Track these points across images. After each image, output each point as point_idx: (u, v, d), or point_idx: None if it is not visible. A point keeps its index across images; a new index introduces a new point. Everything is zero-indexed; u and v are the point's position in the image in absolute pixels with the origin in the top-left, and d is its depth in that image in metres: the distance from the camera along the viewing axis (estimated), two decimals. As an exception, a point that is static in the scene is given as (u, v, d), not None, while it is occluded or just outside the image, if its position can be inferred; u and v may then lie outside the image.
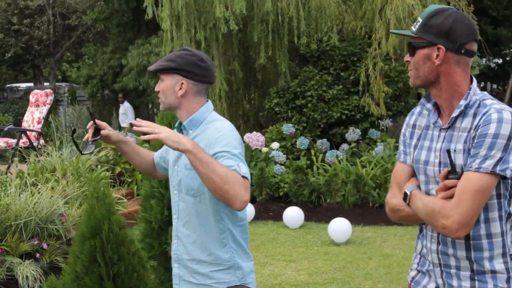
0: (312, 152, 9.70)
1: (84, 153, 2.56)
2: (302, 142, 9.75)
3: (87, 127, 2.56)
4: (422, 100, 2.21)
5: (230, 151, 2.31)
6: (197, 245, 2.46)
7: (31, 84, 25.12)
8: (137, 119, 2.32)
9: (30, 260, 5.53)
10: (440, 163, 2.08)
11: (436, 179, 2.10)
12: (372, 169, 8.83)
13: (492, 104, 2.01)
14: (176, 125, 2.59)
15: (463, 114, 2.04)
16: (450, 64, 2.04)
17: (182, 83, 2.47)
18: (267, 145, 9.79)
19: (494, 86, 18.22)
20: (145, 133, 2.22)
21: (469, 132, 2.00)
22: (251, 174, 8.96)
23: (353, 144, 9.92)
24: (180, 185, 2.49)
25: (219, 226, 2.44)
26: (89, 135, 2.54)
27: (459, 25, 2.03)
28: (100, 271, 2.64)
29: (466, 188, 1.96)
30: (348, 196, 8.43)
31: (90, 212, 2.68)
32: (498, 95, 16.18)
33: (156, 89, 2.55)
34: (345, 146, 9.88)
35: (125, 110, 14.72)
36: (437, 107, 2.16)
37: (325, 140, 9.92)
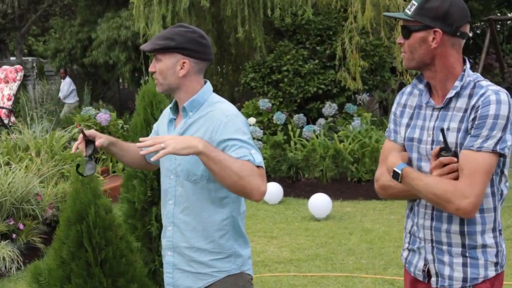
0: (289, 127, 9.64)
1: (88, 174, 2.32)
2: (279, 117, 9.67)
3: (77, 143, 2.36)
4: (414, 80, 2.25)
5: (241, 138, 2.22)
6: (197, 232, 2.35)
7: (-3, 59, 24.41)
8: (140, 138, 2.16)
9: (7, 241, 5.39)
10: (433, 141, 2.12)
11: (428, 157, 2.13)
12: (349, 143, 8.82)
13: (488, 85, 2.06)
14: (170, 105, 2.47)
15: (457, 94, 2.08)
16: (446, 46, 2.07)
17: (184, 62, 2.32)
18: (243, 120, 9.68)
19: (466, 58, 18.37)
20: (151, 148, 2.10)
21: (465, 112, 2.05)
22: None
23: (330, 119, 9.89)
24: (179, 170, 2.36)
25: (221, 212, 2.34)
26: (82, 150, 2.35)
27: (455, 8, 2.06)
28: (88, 257, 2.53)
29: (476, 169, 2.00)
30: (326, 171, 8.41)
31: (75, 196, 2.56)
32: (471, 68, 16.27)
33: (151, 69, 2.37)
34: (322, 121, 9.84)
35: (64, 86, 14.34)
36: (429, 87, 2.19)
37: (301, 115, 9.86)
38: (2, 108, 8.30)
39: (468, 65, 2.13)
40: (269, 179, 8.49)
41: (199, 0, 9.32)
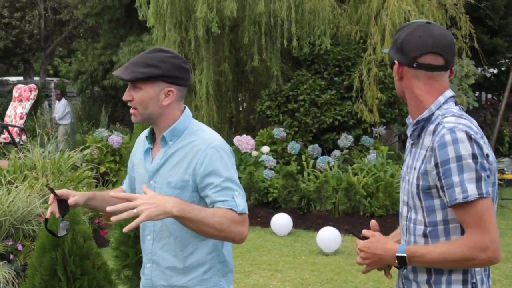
0: (303, 157, 9.46)
1: (61, 235, 2.17)
2: (293, 147, 9.51)
3: (49, 202, 2.22)
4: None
5: (225, 176, 2.08)
6: (178, 270, 2.17)
7: (21, 78, 24.77)
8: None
9: (3, 261, 5.27)
10: (408, 180, 2.01)
11: (403, 197, 2.03)
12: (364, 177, 8.61)
13: (447, 122, 1.89)
14: (146, 133, 2.28)
15: (424, 130, 1.96)
16: (408, 78, 1.99)
17: (169, 91, 2.15)
18: (257, 148, 9.55)
19: (489, 96, 18.04)
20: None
21: (427, 150, 1.91)
22: (240, 178, 8.70)
23: (345, 151, 9.70)
24: None
25: (205, 247, 2.17)
26: (55, 212, 2.20)
27: (411, 39, 1.96)
28: (61, 286, 2.38)
29: (479, 216, 1.84)
30: (338, 204, 8.20)
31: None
32: (493, 105, 15.98)
33: (127, 98, 2.16)
34: (337, 152, 9.65)
35: (60, 107, 14.27)
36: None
37: (316, 145, 9.69)
38: (14, 126, 8.27)
39: (442, 97, 1.97)
40: (279, 210, 8.31)
41: (212, 27, 9.24)
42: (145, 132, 2.31)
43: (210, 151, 2.11)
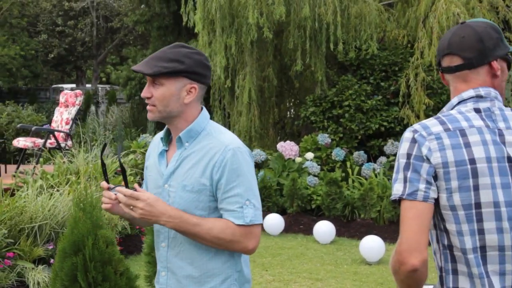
0: (348, 164, 9.28)
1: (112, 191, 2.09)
2: (338, 153, 9.34)
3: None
4: None
5: (240, 183, 2.03)
6: (194, 279, 2.08)
7: (74, 85, 25.38)
8: (117, 188, 2.01)
9: (44, 265, 5.32)
10: None
11: None
12: (410, 184, 8.36)
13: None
14: (162, 135, 2.20)
15: None
16: (445, 82, 1.98)
17: (192, 87, 2.07)
18: (301, 155, 9.42)
19: None
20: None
21: None
22: (282, 184, 8.61)
23: (391, 158, 9.46)
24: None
25: (221, 255, 2.08)
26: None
27: (440, 42, 1.97)
28: (81, 292, 2.34)
29: (401, 217, 1.81)
30: (383, 212, 7.99)
31: (74, 225, 2.38)
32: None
33: (146, 94, 2.08)
34: (383, 159, 9.42)
35: None
36: None
37: (362, 152, 9.49)
38: (60, 131, 8.42)
39: (455, 99, 1.90)
40: (323, 217, 8.16)
41: (262, 32, 9.22)
42: (161, 134, 2.23)
43: (228, 154, 2.03)
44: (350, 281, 5.88)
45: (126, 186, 2.03)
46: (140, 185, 2.06)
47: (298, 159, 9.19)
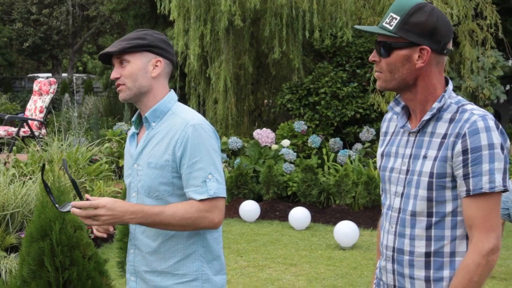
0: (324, 151, 9.34)
1: (62, 210, 2.04)
2: (314, 140, 9.40)
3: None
4: (391, 103, 2.01)
5: (198, 159, 2.06)
6: (159, 255, 2.13)
7: (50, 75, 25.08)
8: (71, 204, 1.99)
9: (16, 253, 5.29)
10: (407, 170, 1.89)
11: (397, 190, 1.91)
12: (384, 170, 8.45)
13: (473, 109, 1.81)
14: (133, 119, 2.26)
15: (436, 118, 1.84)
16: (431, 65, 1.86)
17: (157, 61, 2.15)
18: (277, 142, 9.46)
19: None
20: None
21: (444, 138, 1.80)
22: (259, 171, 8.65)
23: (367, 144, 9.55)
24: (140, 186, 2.15)
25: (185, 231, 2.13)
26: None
27: (442, 23, 1.83)
28: (49, 277, 2.34)
29: (490, 213, 1.77)
30: (358, 198, 8.07)
31: (41, 210, 2.38)
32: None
33: (115, 75, 2.16)
34: (358, 145, 9.51)
35: None
36: (406, 110, 1.97)
37: (338, 139, 9.56)
38: (34, 120, 8.33)
39: (450, 85, 1.88)
40: (298, 203, 8.21)
41: (234, 20, 9.21)
42: (134, 117, 2.30)
43: (189, 129, 2.08)
44: (324, 265, 5.94)
45: (80, 198, 2.02)
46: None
47: (274, 146, 9.23)
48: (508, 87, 18.09)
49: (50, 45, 22.43)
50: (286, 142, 9.37)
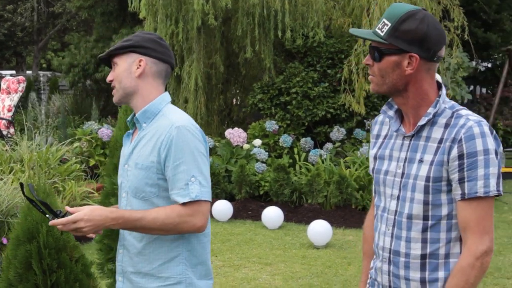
0: (295, 150, 9.39)
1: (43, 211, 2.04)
2: (285, 140, 9.44)
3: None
4: (384, 107, 2.04)
5: (181, 161, 2.05)
6: (144, 256, 2.13)
7: (14, 72, 24.56)
8: (50, 222, 1.97)
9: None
10: (403, 174, 1.92)
11: (392, 190, 1.95)
12: (356, 170, 8.55)
13: (468, 115, 1.85)
14: (128, 119, 2.26)
15: (431, 122, 1.88)
16: (421, 72, 1.89)
17: (140, 60, 2.15)
18: (249, 141, 9.47)
19: (483, 90, 18.00)
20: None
21: (440, 142, 1.84)
22: (231, 171, 8.64)
23: (337, 144, 9.64)
24: (128, 187, 2.16)
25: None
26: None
27: (433, 31, 1.85)
28: (36, 280, 2.31)
29: (484, 217, 1.83)
30: (330, 197, 8.14)
31: (27, 212, 2.34)
32: (487, 100, 15.94)
33: (109, 79, 2.20)
34: (329, 145, 9.59)
35: None
36: (399, 113, 2.00)
37: (309, 138, 9.62)
38: (2, 119, 8.17)
39: (444, 91, 1.92)
40: (271, 203, 8.24)
41: (207, 19, 9.19)
42: (129, 117, 2.30)
43: (173, 131, 2.07)
44: (299, 264, 5.98)
45: (56, 217, 1.99)
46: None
47: (246, 146, 9.24)
48: (472, 88, 18.49)
49: (14, 42, 21.98)
50: (257, 142, 9.39)
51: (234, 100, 12.59)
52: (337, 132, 9.64)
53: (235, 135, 9.31)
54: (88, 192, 6.95)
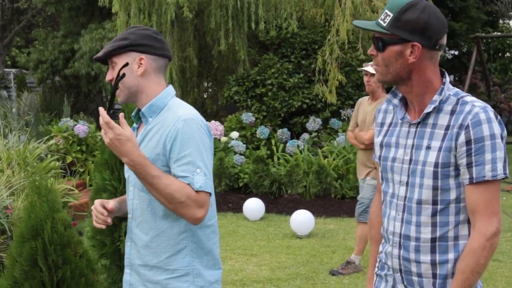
0: (273, 142, 9.44)
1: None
2: (262, 131, 9.48)
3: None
4: (388, 96, 2.08)
5: (187, 153, 2.05)
6: (151, 249, 2.14)
7: (-22, 70, 23.99)
8: (101, 108, 2.00)
9: (-30, 257, 5.10)
10: (410, 160, 1.98)
11: (401, 178, 2.00)
12: (334, 159, 8.63)
13: (474, 101, 1.91)
14: (133, 114, 2.26)
15: (436, 110, 1.93)
16: (424, 60, 1.93)
17: (141, 59, 2.14)
18: (226, 134, 9.48)
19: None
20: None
21: (447, 129, 1.89)
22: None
23: (314, 134, 9.71)
24: (136, 180, 2.15)
25: (177, 226, 2.12)
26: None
27: (434, 20, 1.90)
28: (42, 277, 2.29)
29: (492, 200, 1.88)
30: (309, 187, 8.21)
31: (30, 209, 2.32)
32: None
33: (109, 78, 2.17)
34: (305, 136, 9.66)
35: None
36: (404, 102, 2.05)
37: (285, 129, 9.68)
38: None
39: (447, 78, 1.97)
40: (251, 194, 8.28)
41: (182, 12, 9.15)
42: (133, 112, 2.30)
43: (180, 124, 2.07)
44: (284, 254, 6.03)
45: (110, 105, 2.07)
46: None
47: (224, 139, 9.25)
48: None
49: (-22, 39, 21.48)
50: (235, 134, 9.41)
51: (205, 94, 12.57)
52: (313, 123, 9.71)
53: (212, 128, 9.30)
54: (68, 189, 6.88)
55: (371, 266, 2.22)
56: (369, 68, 5.20)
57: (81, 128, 8.59)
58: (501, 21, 18.73)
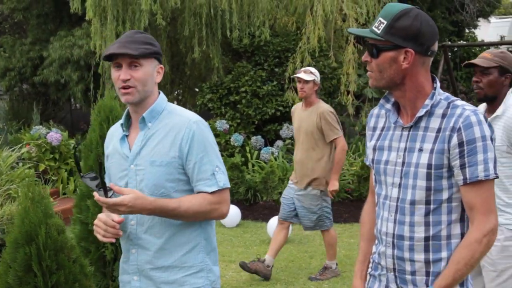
0: (247, 149, 9.48)
1: (86, 182, 2.13)
2: (237, 138, 9.51)
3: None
4: (381, 100, 2.15)
5: (207, 152, 2.18)
6: (165, 251, 2.18)
7: None
8: (97, 197, 2.05)
9: None
10: (403, 163, 2.04)
11: (393, 179, 2.06)
12: (308, 166, 8.69)
13: (464, 105, 2.00)
14: (121, 121, 2.29)
15: (428, 113, 2.00)
16: (416, 66, 2.00)
17: (160, 68, 2.26)
18: (200, 141, 9.48)
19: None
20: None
21: (438, 132, 1.97)
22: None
23: (287, 141, 9.78)
24: (143, 186, 2.17)
25: (190, 225, 2.19)
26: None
27: (426, 27, 1.98)
28: (37, 282, 2.28)
29: (487, 200, 1.96)
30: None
31: (24, 215, 2.31)
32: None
33: (125, 76, 2.15)
34: (279, 143, 9.73)
35: None
36: (396, 106, 2.12)
37: (259, 137, 9.73)
38: None
39: (438, 83, 2.05)
40: (227, 201, 8.29)
41: (155, 19, 9.14)
42: (119, 122, 2.33)
43: (193, 126, 2.16)
44: (262, 260, 6.05)
45: (105, 191, 2.07)
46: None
47: (198, 146, 9.24)
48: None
49: None
50: (209, 141, 9.41)
51: (176, 101, 12.54)
52: (287, 130, 9.78)
53: (186, 135, 9.30)
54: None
55: (359, 262, 2.27)
56: (302, 74, 5.35)
57: (54, 136, 8.49)
58: (466, 30, 19.12)
